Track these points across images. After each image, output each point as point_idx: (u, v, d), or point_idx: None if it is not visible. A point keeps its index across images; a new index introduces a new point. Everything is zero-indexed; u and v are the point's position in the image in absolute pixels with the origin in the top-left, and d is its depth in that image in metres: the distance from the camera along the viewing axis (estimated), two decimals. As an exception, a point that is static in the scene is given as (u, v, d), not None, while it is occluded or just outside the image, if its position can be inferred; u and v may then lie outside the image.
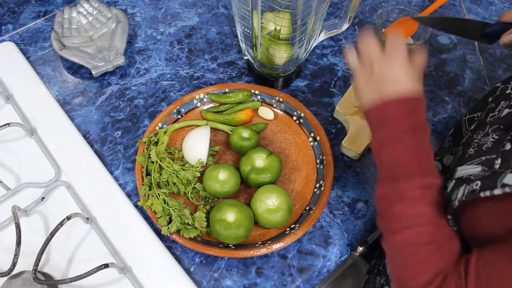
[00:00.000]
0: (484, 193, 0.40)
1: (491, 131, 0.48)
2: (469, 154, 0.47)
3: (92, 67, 0.75)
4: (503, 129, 0.47)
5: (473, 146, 0.48)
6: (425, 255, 0.45)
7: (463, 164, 0.47)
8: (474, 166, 0.45)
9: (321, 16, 0.64)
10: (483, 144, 0.47)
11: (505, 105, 0.51)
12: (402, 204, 0.47)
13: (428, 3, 0.92)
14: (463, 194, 0.43)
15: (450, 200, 0.46)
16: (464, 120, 0.62)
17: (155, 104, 0.76)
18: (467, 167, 0.46)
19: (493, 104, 0.54)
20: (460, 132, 0.62)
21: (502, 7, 0.92)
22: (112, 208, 0.63)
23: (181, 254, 0.61)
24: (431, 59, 0.83)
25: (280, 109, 0.73)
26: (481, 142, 0.47)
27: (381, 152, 0.51)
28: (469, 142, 0.50)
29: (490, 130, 0.48)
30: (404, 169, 0.48)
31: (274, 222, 0.59)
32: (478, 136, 0.49)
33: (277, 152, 0.70)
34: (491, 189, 0.40)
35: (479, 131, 0.50)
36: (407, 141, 0.49)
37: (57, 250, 0.60)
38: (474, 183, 0.43)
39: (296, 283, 0.59)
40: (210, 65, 0.81)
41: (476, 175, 0.44)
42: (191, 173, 0.64)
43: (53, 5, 0.89)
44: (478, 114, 0.58)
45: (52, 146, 0.69)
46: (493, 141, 0.46)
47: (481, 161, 0.45)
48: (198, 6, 0.91)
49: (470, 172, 0.45)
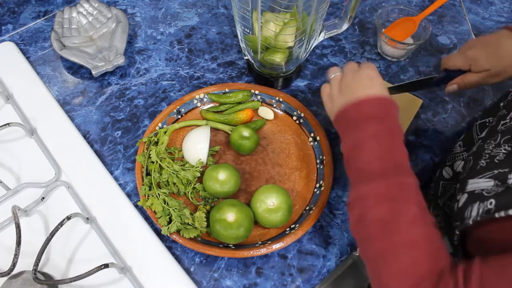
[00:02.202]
0: (499, 214, 0.40)
1: (503, 142, 0.47)
2: (481, 166, 0.46)
3: (92, 67, 0.75)
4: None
5: (484, 158, 0.47)
6: (409, 259, 0.41)
7: (475, 176, 0.46)
8: (487, 180, 0.44)
9: (321, 16, 0.64)
10: (495, 156, 0.46)
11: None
12: (379, 206, 0.44)
13: (428, 3, 0.92)
14: (478, 214, 0.42)
15: (463, 217, 0.45)
16: (476, 125, 0.61)
17: (155, 104, 0.76)
18: (479, 181, 0.45)
19: (504, 110, 0.53)
20: (472, 138, 0.61)
21: (502, 7, 0.92)
22: (112, 208, 0.63)
23: (181, 254, 0.61)
24: (431, 59, 0.83)
25: (280, 109, 0.73)
26: (493, 154, 0.46)
27: (356, 153, 0.49)
28: (480, 152, 0.49)
29: (502, 140, 0.47)
30: (379, 169, 0.46)
31: (274, 222, 0.59)
32: (490, 147, 0.48)
33: (277, 152, 0.70)
34: (506, 209, 0.39)
35: (490, 140, 0.49)
36: (384, 140, 0.47)
37: (57, 250, 0.60)
38: (488, 202, 0.42)
39: (296, 283, 0.59)
40: (210, 65, 0.81)
41: (489, 190, 0.43)
42: (191, 173, 0.64)
43: (53, 5, 0.89)
44: (489, 119, 0.57)
45: (52, 146, 0.69)
46: (506, 153, 0.45)
47: (493, 174, 0.44)
48: (198, 6, 0.91)
49: (482, 186, 0.44)
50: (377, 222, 0.44)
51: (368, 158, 0.47)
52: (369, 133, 0.48)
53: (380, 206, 0.44)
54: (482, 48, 0.59)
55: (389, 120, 0.49)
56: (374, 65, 0.55)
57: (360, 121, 0.49)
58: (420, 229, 0.43)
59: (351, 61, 0.57)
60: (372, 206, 0.45)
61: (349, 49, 0.84)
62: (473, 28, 0.88)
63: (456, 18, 0.90)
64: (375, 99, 0.49)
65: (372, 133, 0.48)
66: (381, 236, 0.43)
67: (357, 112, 0.50)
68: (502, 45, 0.58)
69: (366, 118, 0.49)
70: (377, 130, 0.48)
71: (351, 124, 0.50)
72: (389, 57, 0.82)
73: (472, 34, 0.87)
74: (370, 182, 0.46)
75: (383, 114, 0.49)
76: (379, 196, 0.45)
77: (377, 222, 0.44)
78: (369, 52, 0.84)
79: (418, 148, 0.71)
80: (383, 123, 0.48)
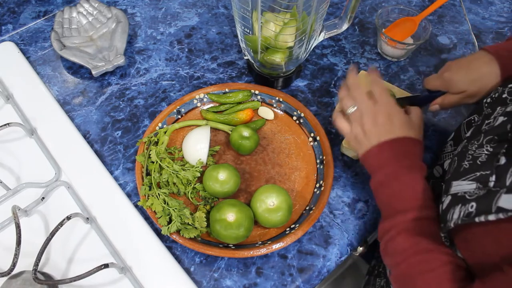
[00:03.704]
0: (479, 218, 0.41)
1: (485, 142, 0.47)
2: (464, 168, 0.47)
3: (92, 67, 0.75)
4: (497, 140, 0.46)
5: (467, 159, 0.48)
6: (425, 282, 0.46)
7: (458, 178, 0.47)
8: (469, 182, 0.45)
9: (321, 16, 0.64)
10: (477, 157, 0.47)
11: (500, 111, 0.51)
12: (399, 236, 0.50)
13: (428, 3, 0.92)
14: (459, 217, 0.43)
15: (445, 220, 0.46)
16: (463, 123, 0.61)
17: (155, 104, 0.76)
18: (462, 183, 0.46)
19: (489, 109, 0.54)
20: (460, 136, 0.62)
21: (502, 7, 0.92)
22: (112, 208, 0.63)
23: (181, 254, 0.61)
24: (431, 59, 0.83)
25: (280, 109, 0.73)
26: (476, 155, 0.47)
27: (379, 192, 0.55)
28: (463, 152, 0.50)
29: (484, 141, 0.48)
30: (400, 205, 0.52)
31: (274, 222, 0.59)
32: (473, 147, 0.49)
33: (277, 152, 0.70)
34: (486, 214, 0.40)
35: (474, 140, 0.50)
36: (403, 177, 0.53)
37: (57, 250, 0.60)
38: (470, 205, 0.43)
39: (296, 283, 0.59)
40: (210, 65, 0.81)
41: (471, 193, 0.44)
42: (191, 173, 0.64)
43: (53, 5, 0.89)
44: (475, 116, 0.58)
45: (52, 146, 0.69)
46: (488, 154, 0.45)
47: (475, 177, 0.45)
48: (198, 6, 0.91)
49: (465, 188, 0.45)
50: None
51: (391, 197, 0.54)
52: (390, 173, 0.54)
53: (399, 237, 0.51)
54: (457, 71, 0.61)
55: (411, 156, 0.55)
56: (387, 91, 0.59)
57: (381, 162, 0.55)
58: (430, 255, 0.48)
59: (354, 76, 0.61)
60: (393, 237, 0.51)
61: (349, 49, 0.84)
62: (473, 28, 0.88)
63: (456, 18, 0.90)
64: (397, 140, 0.55)
65: (392, 173, 0.54)
66: (399, 263, 0.50)
67: (378, 155, 0.56)
68: (474, 68, 0.60)
69: (389, 159, 0.55)
70: (398, 169, 0.54)
71: (374, 165, 0.56)
72: (389, 57, 0.82)
73: (472, 34, 0.87)
74: (393, 217, 0.53)
75: (401, 154, 0.54)
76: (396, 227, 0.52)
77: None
78: (369, 52, 0.84)
79: (418, 148, 0.71)
80: (401, 161, 0.54)
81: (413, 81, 0.80)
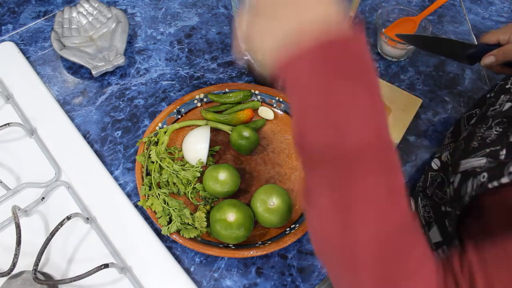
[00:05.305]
0: (492, 184, 0.39)
1: (494, 124, 0.48)
2: (473, 147, 0.47)
3: (92, 67, 0.75)
4: (506, 122, 0.47)
5: (476, 140, 0.48)
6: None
7: (467, 157, 0.47)
8: (479, 158, 0.44)
9: (321, 16, 0.64)
10: (487, 137, 0.47)
11: (505, 99, 0.51)
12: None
13: (428, 3, 0.92)
14: (472, 189, 0.42)
15: (459, 196, 0.45)
16: (463, 117, 0.62)
17: (155, 104, 0.76)
18: (471, 160, 0.46)
19: (493, 99, 0.54)
20: (459, 129, 0.62)
21: (502, 7, 0.92)
22: (112, 208, 0.63)
23: (181, 254, 0.61)
24: (431, 59, 0.83)
25: (280, 109, 0.73)
26: (485, 135, 0.47)
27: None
28: (471, 135, 0.50)
29: (493, 123, 0.48)
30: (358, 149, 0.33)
31: (274, 222, 0.59)
32: (481, 130, 0.49)
33: (277, 152, 0.70)
34: (498, 178, 0.39)
35: (481, 124, 0.50)
36: (360, 93, 0.32)
37: (57, 250, 0.60)
38: (481, 176, 0.42)
39: (296, 283, 0.59)
40: (210, 65, 0.81)
41: (481, 166, 0.43)
42: (191, 173, 0.64)
43: (53, 5, 0.89)
44: (476, 110, 0.58)
45: (52, 146, 0.69)
46: (497, 134, 0.46)
47: (485, 153, 0.45)
48: (198, 6, 0.91)
49: (475, 164, 0.45)
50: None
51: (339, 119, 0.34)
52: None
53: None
54: None
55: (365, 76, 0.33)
56: None
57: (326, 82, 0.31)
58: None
59: None
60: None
61: (349, 49, 0.84)
62: (473, 28, 0.88)
63: (456, 18, 0.90)
64: (330, 43, 0.32)
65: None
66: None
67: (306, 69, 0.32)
68: None
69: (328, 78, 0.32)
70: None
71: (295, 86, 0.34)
72: (389, 57, 0.82)
73: (472, 34, 0.87)
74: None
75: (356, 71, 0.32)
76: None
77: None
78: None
79: (418, 148, 0.71)
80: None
81: (413, 81, 0.80)
